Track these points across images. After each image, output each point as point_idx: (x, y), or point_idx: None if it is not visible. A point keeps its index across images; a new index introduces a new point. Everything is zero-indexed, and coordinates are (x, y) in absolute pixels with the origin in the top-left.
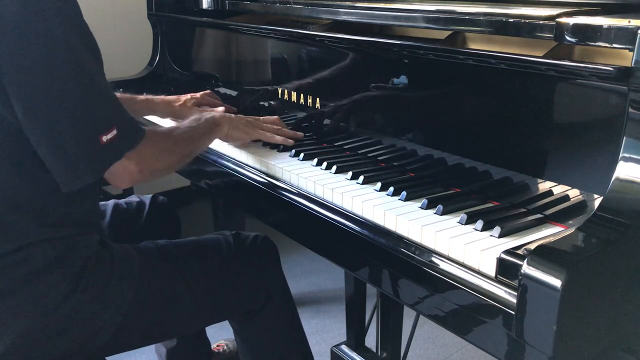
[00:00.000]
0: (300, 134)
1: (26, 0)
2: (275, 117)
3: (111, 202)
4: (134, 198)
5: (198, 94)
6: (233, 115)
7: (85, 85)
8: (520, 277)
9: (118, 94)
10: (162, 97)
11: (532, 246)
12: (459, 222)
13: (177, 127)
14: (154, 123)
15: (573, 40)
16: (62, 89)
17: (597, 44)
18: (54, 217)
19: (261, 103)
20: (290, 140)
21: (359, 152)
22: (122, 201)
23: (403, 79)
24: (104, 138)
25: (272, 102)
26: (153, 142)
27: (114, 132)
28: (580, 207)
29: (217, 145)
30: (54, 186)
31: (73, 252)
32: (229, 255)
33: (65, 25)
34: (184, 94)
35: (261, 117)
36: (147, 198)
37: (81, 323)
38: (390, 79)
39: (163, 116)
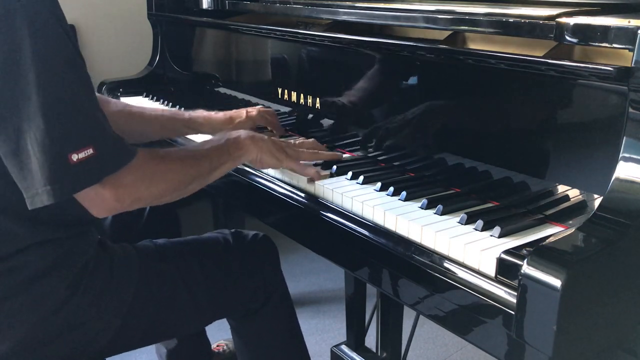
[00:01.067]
0: (339, 154)
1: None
2: (312, 140)
3: None
4: None
5: (255, 110)
6: (264, 136)
7: (54, 96)
8: (520, 277)
9: (159, 107)
10: (209, 114)
11: (532, 246)
12: (459, 222)
13: (180, 149)
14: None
15: (573, 40)
16: (27, 99)
17: (597, 44)
18: (50, 221)
19: (261, 104)
20: (323, 173)
21: (359, 152)
22: None
23: (403, 79)
24: (74, 157)
25: (272, 102)
26: (137, 166)
27: (89, 151)
28: (580, 207)
29: None
30: None
31: (71, 255)
32: (228, 254)
33: (34, 33)
34: (184, 94)
35: (297, 140)
36: None
37: (81, 326)
38: (390, 79)
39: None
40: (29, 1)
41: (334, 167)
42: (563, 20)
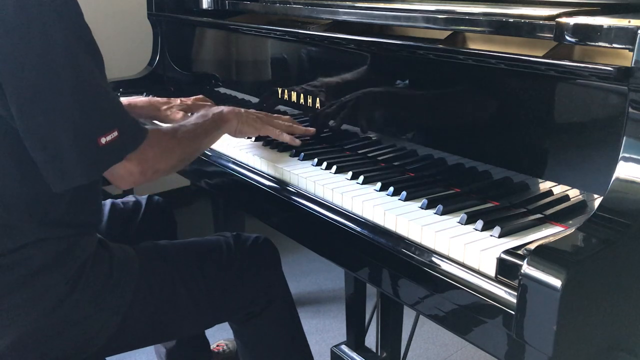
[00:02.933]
0: (313, 129)
1: (25, 2)
2: (288, 117)
3: (108, 201)
4: (130, 198)
5: (189, 100)
6: (242, 109)
7: (84, 87)
8: (520, 277)
9: (139, 97)
10: (148, 99)
11: (532, 246)
12: (459, 222)
13: (181, 125)
14: (155, 123)
15: (573, 40)
16: (58, 91)
17: (597, 44)
18: (55, 218)
19: (261, 103)
20: (297, 141)
21: (359, 152)
22: (119, 201)
23: (403, 79)
24: (103, 140)
25: (271, 103)
26: (155, 142)
27: (115, 133)
28: (580, 207)
29: (218, 145)
30: None
31: (72, 253)
32: (229, 257)
33: (65, 28)
34: (184, 94)
35: (274, 115)
36: (143, 198)
37: (80, 324)
38: (390, 79)
39: (146, 121)
40: (60, 3)
41: (335, 166)
42: (563, 20)
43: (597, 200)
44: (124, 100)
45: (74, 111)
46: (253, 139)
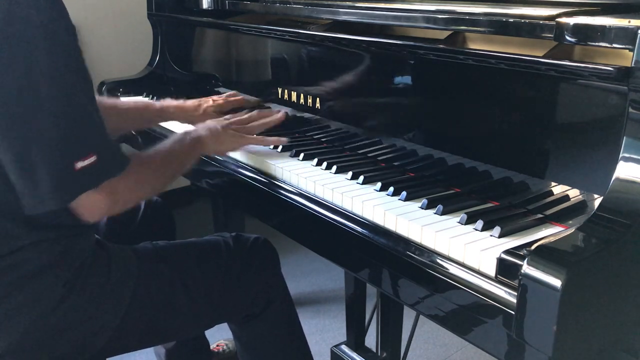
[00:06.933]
0: (281, 114)
1: (12, 18)
2: (255, 111)
3: None
4: None
5: (221, 99)
6: (219, 126)
7: (64, 108)
8: (520, 277)
9: (131, 99)
10: (179, 103)
11: (532, 246)
12: (459, 222)
13: (156, 153)
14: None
15: (573, 40)
16: (38, 110)
17: (597, 44)
18: (47, 222)
19: (261, 103)
20: (284, 139)
21: (359, 152)
22: None
23: (403, 79)
24: (79, 164)
25: (272, 102)
26: (129, 173)
27: (93, 158)
28: (580, 207)
29: None
30: None
31: (69, 255)
32: (228, 258)
33: (50, 46)
34: (184, 94)
35: (245, 116)
36: None
37: (78, 325)
38: (390, 79)
39: (182, 122)
40: (46, 17)
41: (335, 166)
42: (563, 20)
43: (597, 200)
44: (157, 104)
45: (52, 132)
46: None
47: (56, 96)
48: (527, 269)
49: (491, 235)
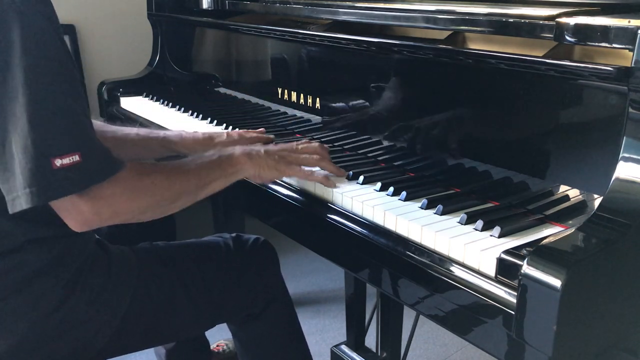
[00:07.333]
0: (344, 171)
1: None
2: (317, 144)
3: None
4: None
5: (250, 132)
6: (262, 150)
7: (37, 99)
8: (520, 277)
9: (137, 129)
10: (191, 133)
11: (532, 246)
12: (459, 222)
13: (169, 164)
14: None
15: (573, 40)
16: (12, 97)
17: (597, 44)
18: (45, 220)
19: (261, 104)
20: (333, 182)
21: (359, 152)
22: None
23: (403, 79)
24: (58, 162)
25: (271, 102)
26: (122, 180)
27: (75, 157)
28: (580, 207)
29: None
30: None
31: (68, 254)
32: (228, 259)
33: (26, 34)
34: (185, 94)
35: (300, 144)
36: None
37: (78, 326)
38: (390, 79)
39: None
40: (22, 2)
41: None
42: (563, 20)
43: (597, 200)
44: (161, 133)
45: (27, 120)
46: None
47: (30, 85)
48: (527, 269)
49: (491, 235)
